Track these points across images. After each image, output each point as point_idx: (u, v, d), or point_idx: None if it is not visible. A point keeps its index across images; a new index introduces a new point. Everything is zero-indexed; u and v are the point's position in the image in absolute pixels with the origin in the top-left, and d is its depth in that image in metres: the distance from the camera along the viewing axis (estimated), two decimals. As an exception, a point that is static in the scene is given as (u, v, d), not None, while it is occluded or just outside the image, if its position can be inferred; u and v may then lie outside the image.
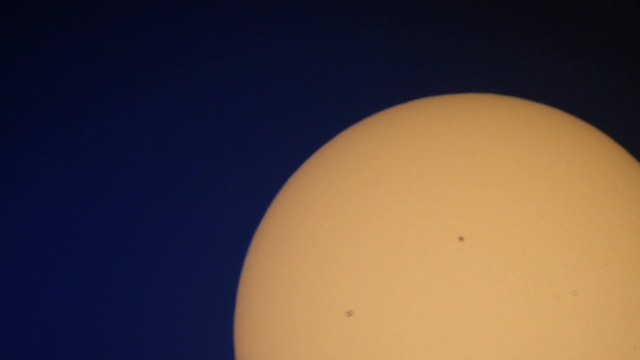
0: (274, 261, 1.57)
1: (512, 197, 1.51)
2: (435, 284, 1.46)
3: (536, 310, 1.45)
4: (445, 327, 1.44)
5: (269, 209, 1.68)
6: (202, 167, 2.01)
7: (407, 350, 1.45)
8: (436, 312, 1.45)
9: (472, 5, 2.09)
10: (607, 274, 1.49)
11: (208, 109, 2.05)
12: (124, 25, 2.08)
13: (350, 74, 2.06)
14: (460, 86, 2.00)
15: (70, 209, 1.99)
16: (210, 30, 2.08)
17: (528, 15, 2.10)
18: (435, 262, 1.47)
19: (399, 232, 1.49)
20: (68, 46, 2.07)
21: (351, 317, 1.45)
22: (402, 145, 1.58)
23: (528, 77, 2.06)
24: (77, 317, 1.94)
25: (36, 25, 2.08)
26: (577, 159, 1.58)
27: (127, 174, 2.00)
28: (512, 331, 1.44)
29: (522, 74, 2.07)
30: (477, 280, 1.46)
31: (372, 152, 1.59)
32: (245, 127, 2.03)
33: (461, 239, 1.46)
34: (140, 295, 1.94)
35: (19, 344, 1.93)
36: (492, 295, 1.45)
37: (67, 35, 2.07)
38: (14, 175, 2.01)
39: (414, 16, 2.09)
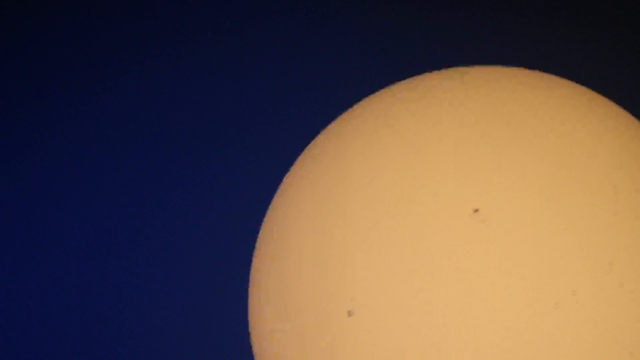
0: (285, 248, 1.56)
1: (531, 168, 1.48)
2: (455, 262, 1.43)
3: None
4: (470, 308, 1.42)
5: (277, 194, 1.66)
6: (201, 158, 2.02)
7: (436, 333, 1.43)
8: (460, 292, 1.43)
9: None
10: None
11: (212, 96, 2.05)
12: (121, 22, 2.07)
13: (348, 52, 2.04)
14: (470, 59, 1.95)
15: (77, 208, 2.00)
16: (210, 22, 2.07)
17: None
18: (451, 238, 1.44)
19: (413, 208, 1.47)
20: (66, 44, 2.07)
21: (351, 317, 1.43)
22: (412, 120, 1.56)
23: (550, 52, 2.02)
24: (82, 318, 1.96)
25: (32, 21, 2.08)
26: (601, 135, 1.54)
27: (137, 171, 2.02)
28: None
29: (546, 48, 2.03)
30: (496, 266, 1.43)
31: (381, 128, 1.57)
32: (248, 114, 2.03)
33: (476, 210, 1.43)
34: (141, 294, 1.96)
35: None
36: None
37: (65, 33, 2.07)
38: (13, 174, 2.01)
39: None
